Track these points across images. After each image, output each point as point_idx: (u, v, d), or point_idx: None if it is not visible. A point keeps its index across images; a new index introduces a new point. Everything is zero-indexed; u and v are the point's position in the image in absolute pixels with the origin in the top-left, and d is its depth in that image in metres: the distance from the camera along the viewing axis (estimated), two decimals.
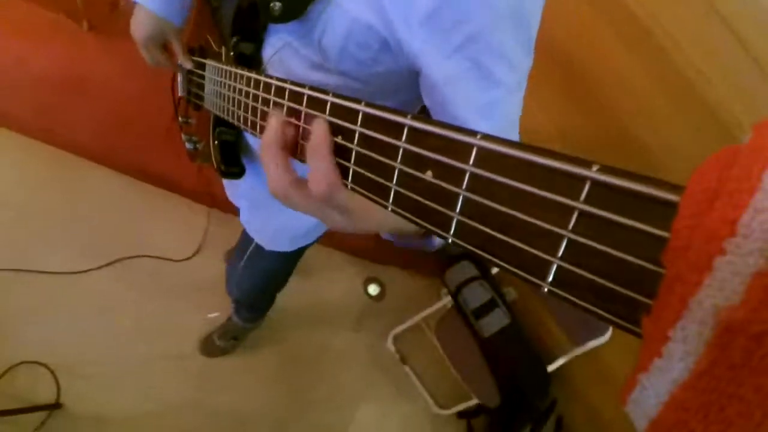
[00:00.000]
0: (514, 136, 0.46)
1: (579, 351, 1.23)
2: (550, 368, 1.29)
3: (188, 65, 0.67)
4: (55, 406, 1.26)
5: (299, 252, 0.93)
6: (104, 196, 1.62)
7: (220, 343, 1.46)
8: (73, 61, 1.66)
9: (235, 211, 0.92)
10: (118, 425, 1.32)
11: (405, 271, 1.82)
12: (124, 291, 1.49)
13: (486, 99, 0.43)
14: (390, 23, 0.42)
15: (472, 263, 1.38)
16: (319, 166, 0.29)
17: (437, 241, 0.39)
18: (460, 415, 1.54)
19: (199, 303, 1.54)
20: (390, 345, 1.63)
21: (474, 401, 1.41)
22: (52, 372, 1.30)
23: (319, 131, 0.29)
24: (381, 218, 0.32)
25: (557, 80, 1.17)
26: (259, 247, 0.90)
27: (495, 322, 1.29)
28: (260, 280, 1.10)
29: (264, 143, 0.32)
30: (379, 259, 1.77)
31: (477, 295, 1.33)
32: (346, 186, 0.29)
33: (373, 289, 1.75)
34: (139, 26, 0.64)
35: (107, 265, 1.50)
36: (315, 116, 0.30)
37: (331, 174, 0.29)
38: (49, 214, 1.53)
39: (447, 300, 1.45)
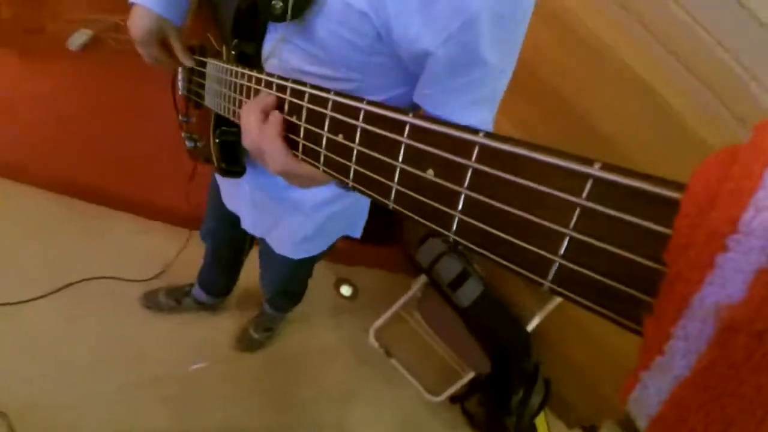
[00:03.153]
0: (494, 107, 0.50)
1: (551, 306, 1.30)
2: (529, 328, 1.35)
3: (189, 63, 0.67)
4: None
5: (309, 260, 0.92)
6: (40, 220, 1.47)
7: (257, 335, 1.44)
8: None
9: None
10: None
11: (373, 270, 1.81)
12: (79, 318, 1.32)
13: (467, 78, 0.45)
14: (384, 8, 0.43)
15: (439, 239, 1.41)
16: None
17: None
18: (452, 399, 1.55)
19: (167, 322, 1.40)
20: (373, 340, 1.62)
21: (464, 380, 1.45)
22: (4, 415, 1.13)
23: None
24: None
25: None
26: (270, 253, 0.89)
27: (470, 291, 1.34)
28: (280, 282, 1.16)
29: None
30: (347, 260, 1.77)
31: (449, 268, 1.37)
32: (347, 185, 0.29)
33: (345, 290, 1.75)
34: (137, 24, 0.63)
35: (55, 292, 1.32)
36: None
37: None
38: None
39: (418, 287, 1.50)
